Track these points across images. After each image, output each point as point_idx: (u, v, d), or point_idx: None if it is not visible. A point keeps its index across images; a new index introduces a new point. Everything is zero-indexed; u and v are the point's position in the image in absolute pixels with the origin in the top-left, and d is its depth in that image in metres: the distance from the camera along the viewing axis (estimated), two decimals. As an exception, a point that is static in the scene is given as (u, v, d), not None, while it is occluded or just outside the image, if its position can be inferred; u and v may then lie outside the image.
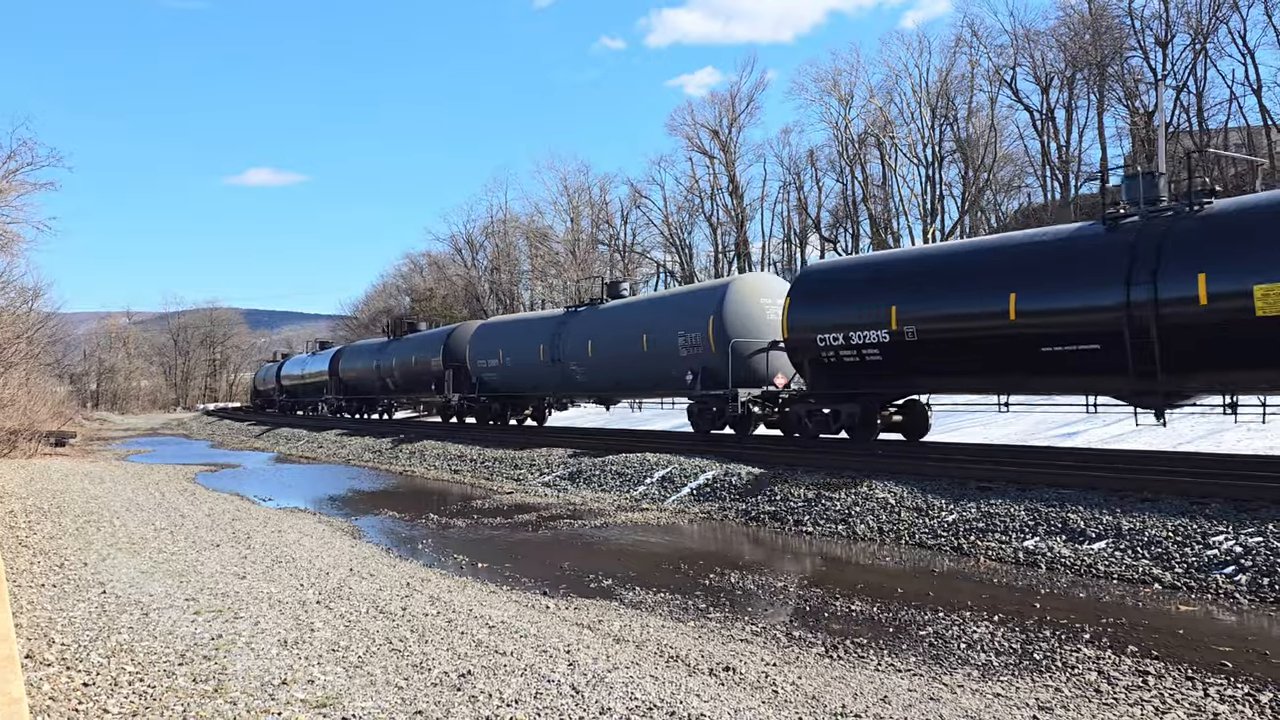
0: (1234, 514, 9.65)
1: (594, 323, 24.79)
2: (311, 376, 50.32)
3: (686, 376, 20.68)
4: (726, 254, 65.59)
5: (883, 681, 6.17)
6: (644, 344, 22.04)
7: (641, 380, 23.28)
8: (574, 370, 25.01)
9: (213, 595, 8.39)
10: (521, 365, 27.45)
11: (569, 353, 25.02)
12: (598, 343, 24.07)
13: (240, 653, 6.45)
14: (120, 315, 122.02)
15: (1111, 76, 46.33)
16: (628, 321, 23.41)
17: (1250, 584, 8.37)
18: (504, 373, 28.58)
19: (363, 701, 5.48)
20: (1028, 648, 6.97)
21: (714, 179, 65.65)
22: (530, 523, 14.03)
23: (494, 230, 77.61)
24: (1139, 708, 5.62)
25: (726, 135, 64.19)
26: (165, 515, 14.70)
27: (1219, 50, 43.76)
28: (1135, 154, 45.40)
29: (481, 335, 30.49)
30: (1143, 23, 45.37)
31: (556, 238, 73.37)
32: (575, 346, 24.79)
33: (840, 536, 12.00)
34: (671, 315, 21.81)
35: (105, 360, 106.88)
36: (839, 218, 61.14)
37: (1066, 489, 11.57)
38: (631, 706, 5.42)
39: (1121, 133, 48.75)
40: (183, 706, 5.35)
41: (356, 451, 29.06)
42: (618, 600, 8.92)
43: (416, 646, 6.72)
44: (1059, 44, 48.53)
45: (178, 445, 42.26)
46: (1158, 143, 31.54)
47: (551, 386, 26.97)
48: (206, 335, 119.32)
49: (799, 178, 63.33)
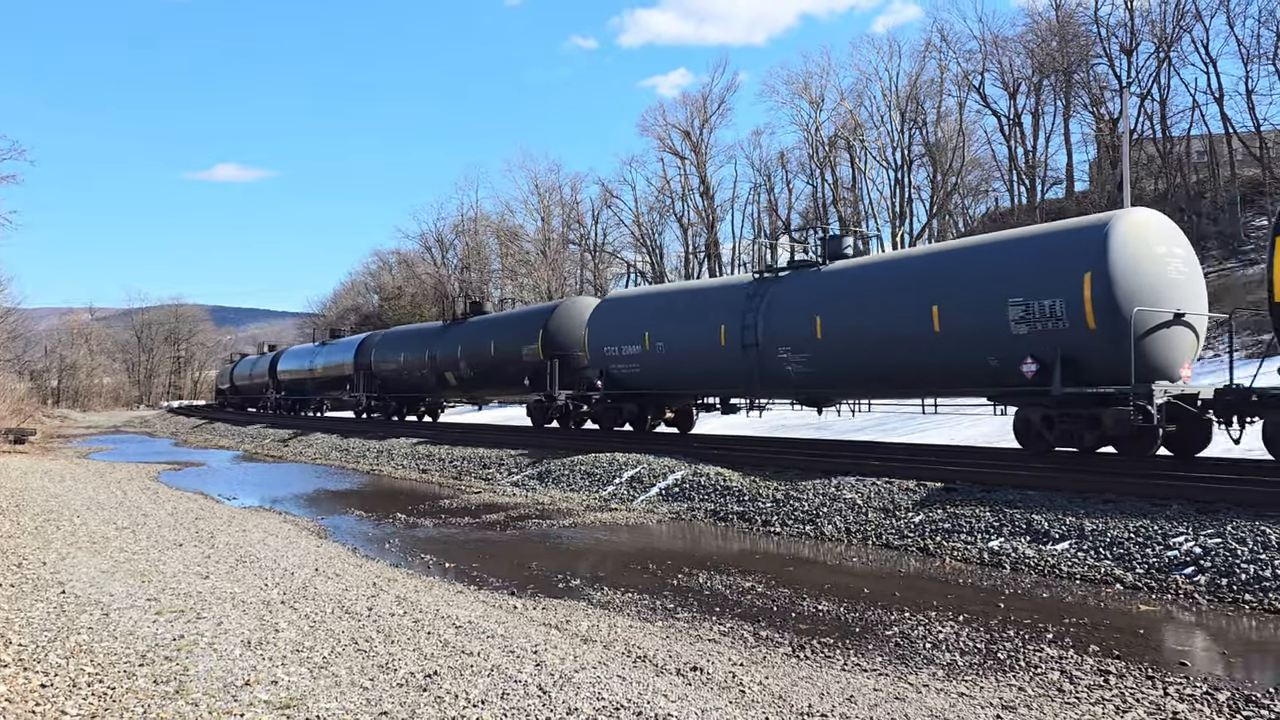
0: (1194, 515, 9.80)
1: (821, 290, 17.80)
2: (324, 370, 42.68)
3: (1025, 366, 13.95)
4: (697, 254, 65.72)
5: (849, 681, 6.20)
6: (934, 321, 15.12)
7: (924, 373, 15.94)
8: (782, 359, 18.07)
9: (175, 595, 8.28)
10: (684, 353, 20.52)
11: (775, 334, 18.21)
12: (832, 318, 17.13)
13: (203, 653, 6.37)
14: (83, 311, 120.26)
15: (1077, 83, 46.93)
16: (893, 286, 16.28)
17: (1209, 584, 8.50)
18: (652, 363, 21.31)
19: (327, 702, 5.42)
20: (992, 648, 7.04)
21: (685, 180, 65.79)
22: (499, 522, 13.98)
23: (464, 229, 77.31)
24: (1100, 706, 5.69)
25: (698, 136, 64.36)
26: (127, 514, 14.49)
27: (1182, 59, 44.54)
28: (1100, 160, 46.05)
29: (610, 313, 23.56)
30: (1108, 30, 46.09)
31: (527, 237, 73.22)
32: (788, 325, 17.92)
33: (808, 537, 12.06)
34: (998, 269, 14.76)
35: (67, 357, 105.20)
36: (809, 220, 61.40)
37: (1031, 490, 11.70)
38: (598, 707, 5.41)
39: (1087, 139, 49.50)
40: (143, 708, 5.27)
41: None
42: (585, 600, 8.90)
43: (382, 647, 6.67)
44: (1026, 50, 49.11)
45: (141, 443, 41.67)
46: (1122, 149, 31.98)
47: (735, 381, 19.77)
48: (171, 332, 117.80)
49: (770, 179, 63.69)
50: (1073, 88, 47.04)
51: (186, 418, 58.83)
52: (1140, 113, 44.61)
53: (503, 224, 74.97)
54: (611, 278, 70.84)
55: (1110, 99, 45.56)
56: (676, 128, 64.82)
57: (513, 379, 27.41)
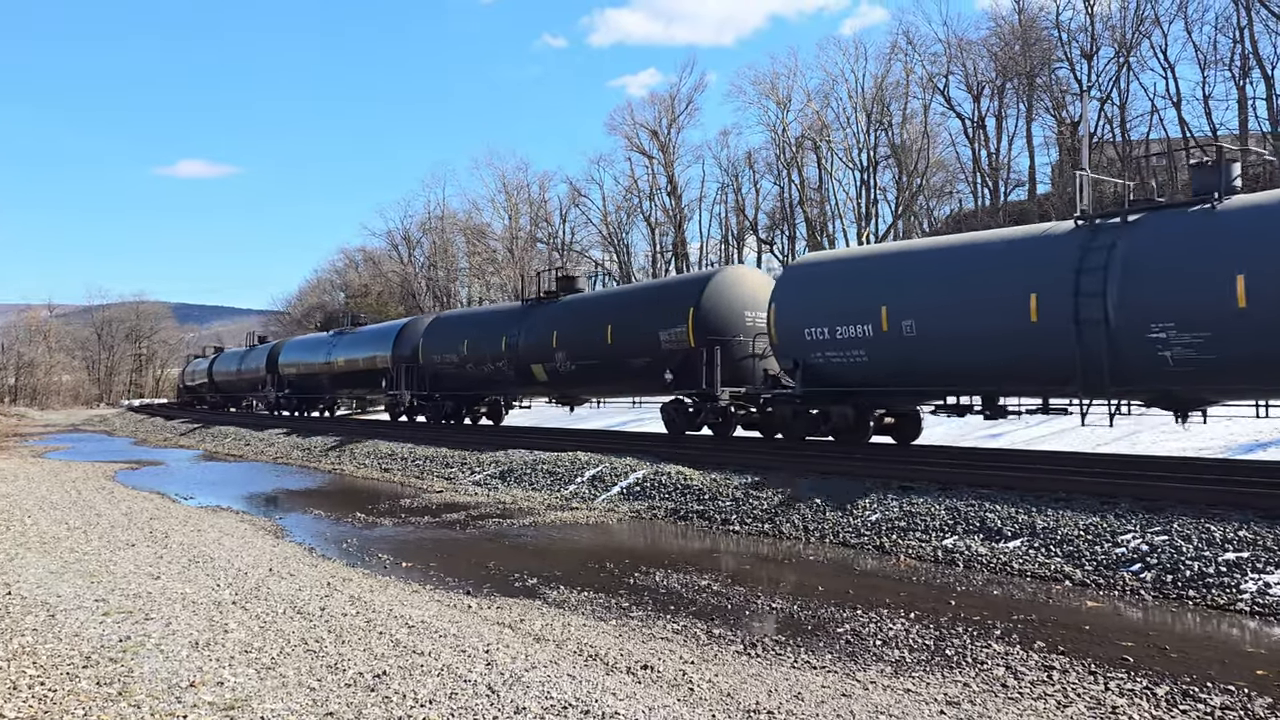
0: (1142, 513, 9.97)
1: (1239, 236, 12.09)
2: (345, 364, 35.67)
3: None
4: (665, 254, 65.79)
5: (798, 678, 6.26)
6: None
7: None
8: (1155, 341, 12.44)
9: (124, 596, 8.18)
10: (954, 336, 14.65)
11: (1143, 305, 12.62)
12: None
13: (149, 654, 6.30)
14: (41, 308, 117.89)
15: (1040, 87, 47.53)
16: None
17: (1155, 580, 8.66)
18: (890, 351, 15.50)
19: (273, 703, 5.39)
20: (940, 644, 7.12)
21: (653, 179, 65.81)
22: (459, 521, 13.93)
23: (431, 226, 76.87)
24: (1042, 702, 5.78)
25: (665, 136, 64.41)
26: (80, 514, 14.28)
27: (1141, 64, 45.22)
28: (1062, 163, 46.65)
29: (809, 283, 17.68)
30: (1069, 35, 46.70)
31: (495, 235, 72.95)
32: (1170, 291, 12.38)
33: (766, 535, 12.13)
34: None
35: (24, 354, 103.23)
36: (776, 220, 61.75)
37: (985, 489, 11.85)
38: (547, 706, 5.42)
39: (1049, 142, 50.07)
40: (84, 710, 5.21)
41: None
42: (541, 599, 8.90)
43: (333, 647, 6.64)
44: (990, 54, 49.65)
45: (99, 442, 41.04)
46: (1082, 152, 32.42)
47: (1053, 374, 13.78)
48: (132, 329, 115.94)
49: (737, 179, 63.84)
50: (1035, 91, 47.64)
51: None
52: (1100, 116, 45.26)
53: (470, 222, 74.66)
54: (580, 276, 70.73)
55: (1071, 102, 46.21)
56: (644, 127, 64.90)
57: (643, 373, 21.04)
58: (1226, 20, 42.18)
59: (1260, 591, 8.05)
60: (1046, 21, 47.89)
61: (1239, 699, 5.75)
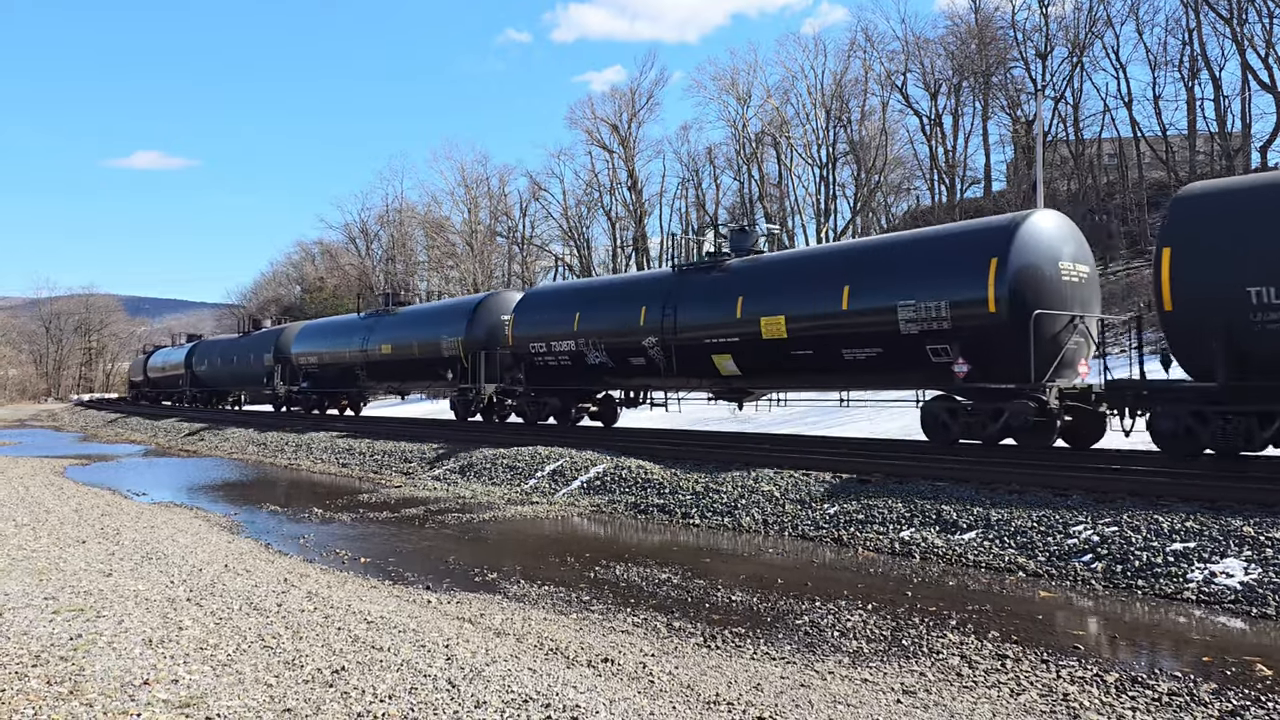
0: (1093, 505, 10.17)
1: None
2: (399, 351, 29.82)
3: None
4: (625, 249, 65.78)
5: (757, 670, 6.31)
6: None
7: None
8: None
9: (75, 594, 8.04)
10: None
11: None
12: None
13: (101, 652, 6.20)
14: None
15: (995, 86, 48.18)
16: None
17: (1105, 571, 8.84)
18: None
19: (229, 700, 5.33)
20: (897, 635, 7.22)
21: (613, 173, 65.81)
22: (418, 516, 13.84)
23: (389, 220, 76.26)
24: (995, 690, 5.88)
25: (626, 130, 64.40)
26: (28, 510, 13.99)
27: (1094, 64, 46.06)
28: (1017, 161, 47.33)
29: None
30: (1024, 35, 47.40)
31: (454, 229, 72.48)
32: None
33: (726, 529, 12.19)
34: None
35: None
36: (736, 215, 61.92)
37: (942, 481, 12.01)
38: (507, 700, 5.41)
39: (1004, 140, 50.84)
40: (34, 709, 5.11)
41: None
42: (502, 594, 8.88)
43: (290, 643, 6.57)
44: (947, 52, 50.22)
45: (47, 437, 40.19)
46: (1036, 150, 32.91)
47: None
48: (82, 322, 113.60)
49: (698, 175, 64.06)
50: (991, 90, 48.26)
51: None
52: (1054, 115, 45.98)
53: (429, 215, 74.13)
54: (539, 271, 70.55)
55: (1026, 101, 46.89)
56: (605, 121, 64.84)
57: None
58: (1176, 22, 43.29)
59: (1206, 580, 8.24)
60: (1002, 21, 48.65)
61: (1185, 684, 5.90)
